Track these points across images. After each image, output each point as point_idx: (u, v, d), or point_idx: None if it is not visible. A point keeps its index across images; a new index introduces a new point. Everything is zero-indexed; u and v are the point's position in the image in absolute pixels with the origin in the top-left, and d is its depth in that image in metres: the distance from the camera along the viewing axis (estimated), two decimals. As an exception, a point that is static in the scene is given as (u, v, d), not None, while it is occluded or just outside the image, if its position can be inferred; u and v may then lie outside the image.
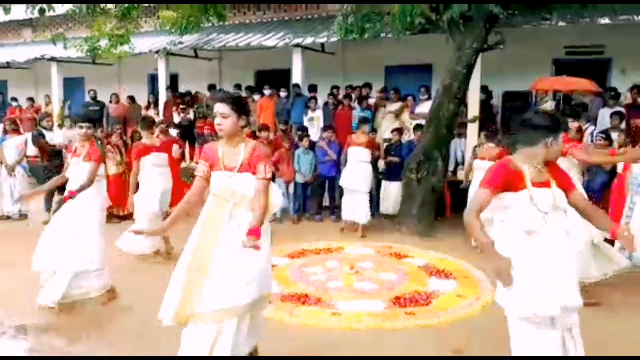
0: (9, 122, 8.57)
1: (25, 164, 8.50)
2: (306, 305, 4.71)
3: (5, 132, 8.25)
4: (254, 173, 3.09)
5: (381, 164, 8.17)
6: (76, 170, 4.65)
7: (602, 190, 6.61)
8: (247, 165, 3.10)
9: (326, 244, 6.69)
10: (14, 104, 13.62)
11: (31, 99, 13.77)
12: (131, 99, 12.50)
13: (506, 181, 2.75)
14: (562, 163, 6.59)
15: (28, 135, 9.50)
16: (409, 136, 8.73)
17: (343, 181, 7.53)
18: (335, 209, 8.36)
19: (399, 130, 8.48)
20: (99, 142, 8.01)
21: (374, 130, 9.20)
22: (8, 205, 8.23)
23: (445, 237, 7.06)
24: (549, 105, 8.85)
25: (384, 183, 8.23)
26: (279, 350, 3.84)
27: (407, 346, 3.95)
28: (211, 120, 9.39)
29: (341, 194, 7.82)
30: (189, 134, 10.53)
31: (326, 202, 8.54)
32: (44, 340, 4.07)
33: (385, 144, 8.58)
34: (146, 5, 10.73)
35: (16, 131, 8.53)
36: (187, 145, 10.26)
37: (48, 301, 4.51)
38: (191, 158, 10.18)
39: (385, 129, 9.51)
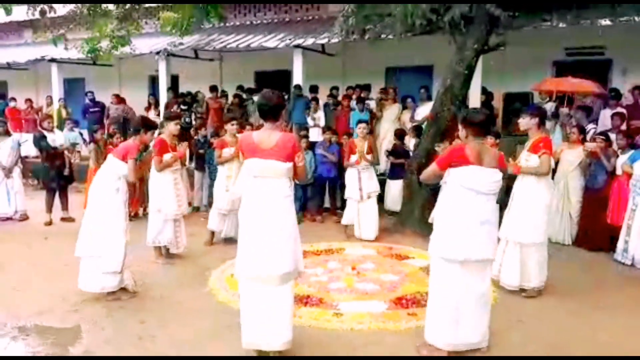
0: (1, 123, 8.53)
1: (21, 164, 8.52)
2: (308, 306, 4.71)
3: None
4: None
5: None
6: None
7: (602, 189, 6.62)
8: None
9: (327, 245, 6.69)
10: (12, 104, 13.61)
11: (13, 99, 13.73)
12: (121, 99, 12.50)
13: None
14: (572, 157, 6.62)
15: (27, 136, 9.50)
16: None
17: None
18: (336, 210, 8.36)
19: (402, 132, 8.50)
20: (98, 143, 8.15)
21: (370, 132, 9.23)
22: (4, 207, 8.22)
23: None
24: (548, 107, 8.85)
25: (387, 181, 8.36)
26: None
27: (409, 347, 3.95)
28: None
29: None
30: (188, 135, 10.53)
31: (327, 203, 8.56)
32: (44, 341, 4.06)
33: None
34: (147, 6, 10.71)
35: (8, 132, 8.53)
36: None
37: None
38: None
39: (387, 131, 9.54)
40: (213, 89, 11.56)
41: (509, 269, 5.06)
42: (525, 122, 5.04)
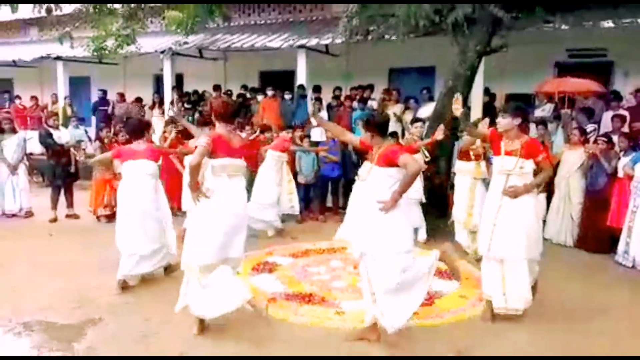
0: (7, 121, 8.60)
1: (26, 161, 8.59)
2: (310, 304, 4.76)
3: (2, 131, 8.28)
4: None
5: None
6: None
7: (603, 191, 6.65)
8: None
9: (330, 244, 6.72)
10: (17, 102, 13.72)
11: (18, 96, 13.83)
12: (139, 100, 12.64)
13: None
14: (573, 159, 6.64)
15: (33, 134, 9.56)
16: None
17: None
18: (339, 210, 8.40)
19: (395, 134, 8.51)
20: (103, 142, 8.24)
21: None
22: (10, 204, 8.29)
23: (447, 238, 7.08)
24: (547, 108, 8.87)
25: None
26: (283, 349, 3.90)
27: (410, 346, 3.99)
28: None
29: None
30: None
31: (329, 202, 8.60)
32: (49, 336, 4.11)
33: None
34: (152, 5, 10.78)
35: (14, 130, 8.60)
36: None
37: None
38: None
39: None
40: (216, 88, 11.63)
41: (516, 291, 4.38)
42: (507, 122, 4.34)
